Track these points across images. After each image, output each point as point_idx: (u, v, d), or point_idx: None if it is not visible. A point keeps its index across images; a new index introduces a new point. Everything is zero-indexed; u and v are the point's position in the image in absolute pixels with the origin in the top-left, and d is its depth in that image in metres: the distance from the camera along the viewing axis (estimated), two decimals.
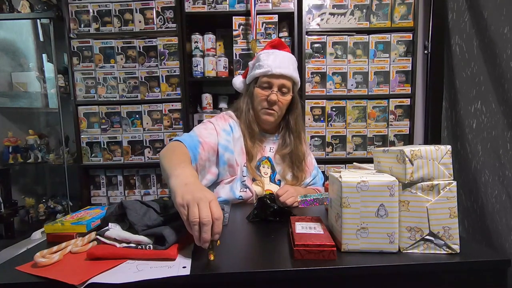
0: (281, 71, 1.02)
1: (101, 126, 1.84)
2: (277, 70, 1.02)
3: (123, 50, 1.80)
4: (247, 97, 1.10)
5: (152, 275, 0.51)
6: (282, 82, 1.03)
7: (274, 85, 1.03)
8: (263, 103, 1.05)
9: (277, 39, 1.14)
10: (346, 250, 0.59)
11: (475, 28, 1.29)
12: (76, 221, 0.71)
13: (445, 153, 0.59)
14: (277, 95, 1.03)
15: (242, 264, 0.57)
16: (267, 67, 1.02)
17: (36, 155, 1.91)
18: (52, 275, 0.51)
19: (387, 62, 1.78)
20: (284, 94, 1.05)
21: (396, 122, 1.81)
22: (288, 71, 1.04)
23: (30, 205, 1.94)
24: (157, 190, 1.91)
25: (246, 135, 1.06)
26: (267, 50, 1.08)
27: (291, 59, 1.08)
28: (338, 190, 0.61)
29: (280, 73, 1.02)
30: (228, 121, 1.08)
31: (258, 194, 1.03)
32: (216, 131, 1.03)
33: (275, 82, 1.03)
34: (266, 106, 1.05)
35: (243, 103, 1.10)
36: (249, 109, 1.08)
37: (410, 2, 1.75)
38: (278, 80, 1.03)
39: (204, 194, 0.59)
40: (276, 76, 1.02)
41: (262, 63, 1.04)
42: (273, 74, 1.02)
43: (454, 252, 0.58)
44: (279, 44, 1.11)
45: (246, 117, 1.07)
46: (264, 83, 1.04)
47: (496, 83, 1.15)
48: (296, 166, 1.09)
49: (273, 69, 1.01)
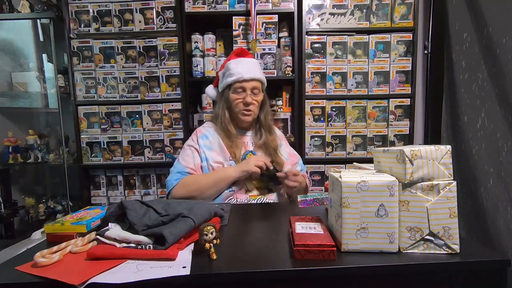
0: (251, 75, 1.17)
1: (101, 126, 1.83)
2: (247, 75, 1.16)
3: (123, 50, 1.80)
4: (222, 103, 1.22)
5: (152, 275, 0.51)
6: (253, 85, 1.18)
7: (247, 89, 1.17)
8: (239, 106, 1.18)
9: (240, 48, 1.29)
10: (346, 250, 0.59)
11: (475, 28, 1.29)
12: (76, 221, 0.71)
13: (445, 153, 0.59)
14: (251, 97, 1.17)
15: (242, 264, 0.57)
16: (239, 74, 1.16)
17: (36, 155, 1.91)
18: (52, 275, 0.51)
19: (387, 62, 1.78)
20: (256, 95, 1.19)
21: (396, 122, 1.81)
22: (256, 74, 1.19)
23: (30, 205, 1.94)
24: (157, 190, 1.91)
25: (223, 136, 1.19)
26: (234, 59, 1.21)
27: (256, 63, 1.24)
28: (338, 190, 0.61)
29: (250, 77, 1.16)
30: (201, 132, 1.22)
31: (248, 186, 1.15)
32: (195, 148, 1.18)
33: (247, 86, 1.17)
34: (243, 108, 1.18)
35: (218, 109, 1.23)
36: (225, 113, 1.20)
37: (410, 2, 1.75)
38: (250, 84, 1.17)
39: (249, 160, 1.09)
40: (247, 80, 1.16)
41: (232, 71, 1.17)
42: (245, 79, 1.16)
43: (454, 252, 0.58)
44: (243, 52, 1.25)
45: (222, 120, 1.20)
46: (238, 88, 1.17)
47: (496, 83, 1.15)
48: (273, 154, 1.22)
49: (244, 75, 1.15)
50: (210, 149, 1.17)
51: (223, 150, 1.17)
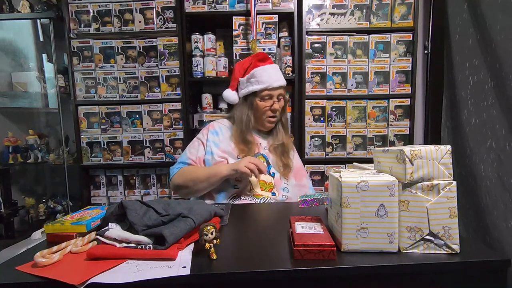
0: (279, 83, 1.19)
1: (101, 126, 1.83)
2: (276, 83, 1.17)
3: (123, 50, 1.80)
4: (246, 109, 1.21)
5: (152, 275, 0.51)
6: (279, 92, 1.20)
7: (274, 96, 1.19)
8: (267, 113, 1.19)
9: (262, 53, 1.26)
10: (346, 250, 0.59)
11: (475, 28, 1.29)
12: (76, 221, 0.71)
13: (445, 153, 0.59)
14: (277, 104, 1.19)
15: (242, 264, 0.57)
16: (267, 83, 1.16)
17: (36, 155, 1.91)
18: (52, 275, 0.51)
19: (387, 62, 1.78)
20: (280, 101, 1.22)
21: (396, 122, 1.81)
22: (283, 82, 1.21)
23: (30, 205, 1.94)
24: (157, 190, 1.91)
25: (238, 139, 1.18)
26: (260, 66, 1.20)
27: (278, 69, 1.25)
28: (338, 190, 0.61)
29: (279, 85, 1.18)
30: (213, 128, 1.23)
31: (253, 184, 1.14)
32: (202, 142, 1.19)
33: (274, 93, 1.19)
34: (270, 114, 1.19)
35: (242, 114, 1.21)
36: (250, 119, 1.20)
37: (410, 2, 1.75)
38: (277, 91, 1.19)
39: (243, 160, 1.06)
40: (275, 88, 1.18)
41: (260, 79, 1.17)
42: (274, 88, 1.17)
43: (454, 252, 0.58)
44: (265, 58, 1.24)
45: (245, 125, 1.19)
46: (266, 95, 1.18)
47: (497, 83, 1.15)
48: (284, 155, 1.22)
49: (273, 83, 1.16)
50: (217, 146, 1.17)
51: (231, 148, 1.17)
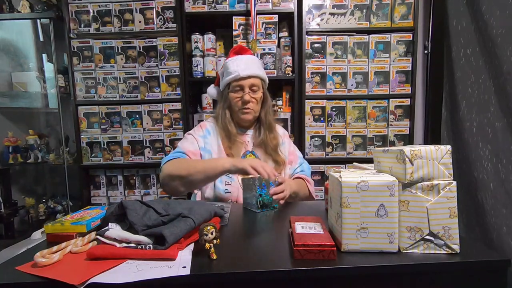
0: (248, 73, 1.13)
1: (101, 126, 1.83)
2: (244, 72, 1.13)
3: (123, 50, 1.80)
4: (222, 102, 1.20)
5: (152, 275, 0.51)
6: (251, 82, 1.14)
7: (245, 86, 1.14)
8: (238, 104, 1.16)
9: (238, 45, 1.24)
10: (346, 250, 0.59)
11: (475, 27, 1.29)
12: (76, 221, 0.71)
13: (445, 153, 0.59)
14: (249, 95, 1.14)
15: (242, 264, 0.57)
16: (235, 72, 1.13)
17: (36, 155, 1.91)
18: (52, 275, 0.51)
19: (387, 62, 1.78)
20: (255, 92, 1.16)
21: (396, 122, 1.81)
22: (253, 71, 1.15)
23: (30, 205, 1.94)
24: (157, 190, 1.91)
25: (223, 136, 1.17)
26: (231, 57, 1.18)
27: (254, 60, 1.20)
28: (338, 190, 0.60)
29: (247, 74, 1.13)
30: (205, 127, 1.20)
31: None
32: (195, 138, 1.16)
33: (245, 84, 1.14)
34: (241, 106, 1.15)
35: (219, 108, 1.21)
36: (225, 113, 1.18)
37: (410, 2, 1.75)
38: (247, 81, 1.14)
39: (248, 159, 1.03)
40: (244, 78, 1.13)
41: (230, 70, 1.14)
42: (242, 77, 1.13)
43: (454, 252, 0.58)
44: (241, 49, 1.22)
45: (222, 120, 1.18)
46: (236, 86, 1.15)
47: (497, 83, 1.15)
48: (272, 153, 1.19)
49: (240, 72, 1.12)
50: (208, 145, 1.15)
51: (220, 149, 1.15)
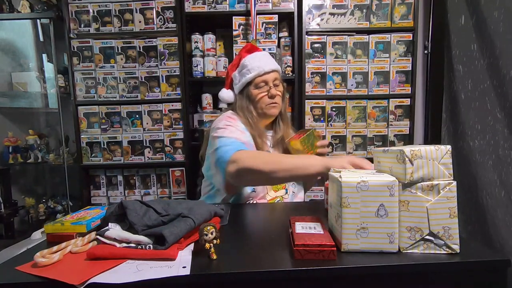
0: (271, 67, 1.12)
1: (101, 126, 1.83)
2: (268, 67, 1.11)
3: (123, 50, 1.80)
4: (245, 101, 1.14)
5: (152, 275, 0.51)
6: (274, 76, 1.13)
7: (269, 81, 1.12)
8: (265, 100, 1.12)
9: (249, 44, 1.22)
10: (346, 250, 0.59)
11: (475, 27, 1.29)
12: (76, 221, 0.71)
13: (445, 153, 0.59)
14: (275, 89, 1.12)
15: (242, 264, 0.57)
16: (258, 68, 1.10)
17: (36, 155, 1.91)
18: (52, 275, 0.51)
19: (387, 62, 1.78)
20: (277, 86, 1.14)
21: (396, 122, 1.81)
22: (275, 65, 1.14)
23: (30, 205, 1.94)
24: (157, 190, 1.91)
25: (255, 135, 1.10)
26: (248, 55, 1.15)
27: (269, 55, 1.20)
28: (338, 190, 0.60)
29: (271, 68, 1.12)
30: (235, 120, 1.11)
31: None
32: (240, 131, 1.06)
33: (269, 78, 1.12)
34: (269, 101, 1.12)
35: (240, 108, 1.14)
36: (252, 111, 1.13)
37: (410, 2, 1.75)
38: (271, 75, 1.12)
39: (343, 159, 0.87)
40: (268, 72, 1.11)
41: (250, 67, 1.11)
42: (266, 72, 1.11)
43: (454, 252, 0.58)
44: (253, 47, 1.20)
45: (251, 120, 1.12)
46: (260, 82, 1.11)
47: (496, 82, 1.15)
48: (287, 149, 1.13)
49: (264, 67, 1.10)
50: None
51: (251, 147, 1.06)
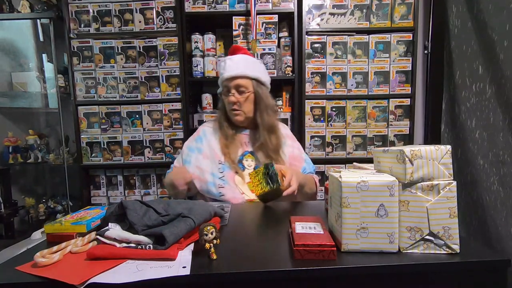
0: (231, 73, 1.10)
1: (101, 126, 1.83)
2: (227, 73, 1.10)
3: (123, 50, 1.80)
4: (220, 103, 1.22)
5: (152, 275, 0.51)
6: (236, 83, 1.11)
7: (231, 88, 1.12)
8: (229, 106, 1.14)
9: (233, 46, 1.23)
10: (346, 250, 0.59)
11: (475, 27, 1.29)
12: (76, 221, 0.71)
13: (445, 153, 0.59)
14: (235, 96, 1.11)
15: (242, 264, 0.57)
16: (221, 74, 1.13)
17: (36, 155, 1.91)
18: (52, 275, 0.51)
19: (387, 62, 1.78)
20: (242, 93, 1.12)
21: (396, 122, 1.81)
22: (239, 71, 1.10)
23: (30, 205, 1.94)
24: (157, 190, 1.91)
25: (220, 136, 1.16)
26: (227, 57, 1.16)
27: (245, 60, 1.15)
28: (338, 190, 0.60)
29: (230, 75, 1.10)
30: (198, 134, 1.22)
31: (238, 185, 1.08)
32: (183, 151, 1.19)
33: (230, 85, 1.11)
34: (231, 108, 1.13)
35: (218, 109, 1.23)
36: (222, 114, 1.19)
37: (410, 2, 1.75)
38: (232, 82, 1.11)
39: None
40: (229, 79, 1.11)
41: (222, 71, 1.13)
42: (227, 78, 1.11)
43: (454, 252, 0.58)
44: (235, 49, 1.20)
45: (219, 120, 1.19)
46: (224, 87, 1.14)
47: (496, 82, 1.15)
48: (273, 154, 1.14)
49: (225, 73, 1.11)
50: (200, 152, 1.16)
51: (213, 153, 1.14)
